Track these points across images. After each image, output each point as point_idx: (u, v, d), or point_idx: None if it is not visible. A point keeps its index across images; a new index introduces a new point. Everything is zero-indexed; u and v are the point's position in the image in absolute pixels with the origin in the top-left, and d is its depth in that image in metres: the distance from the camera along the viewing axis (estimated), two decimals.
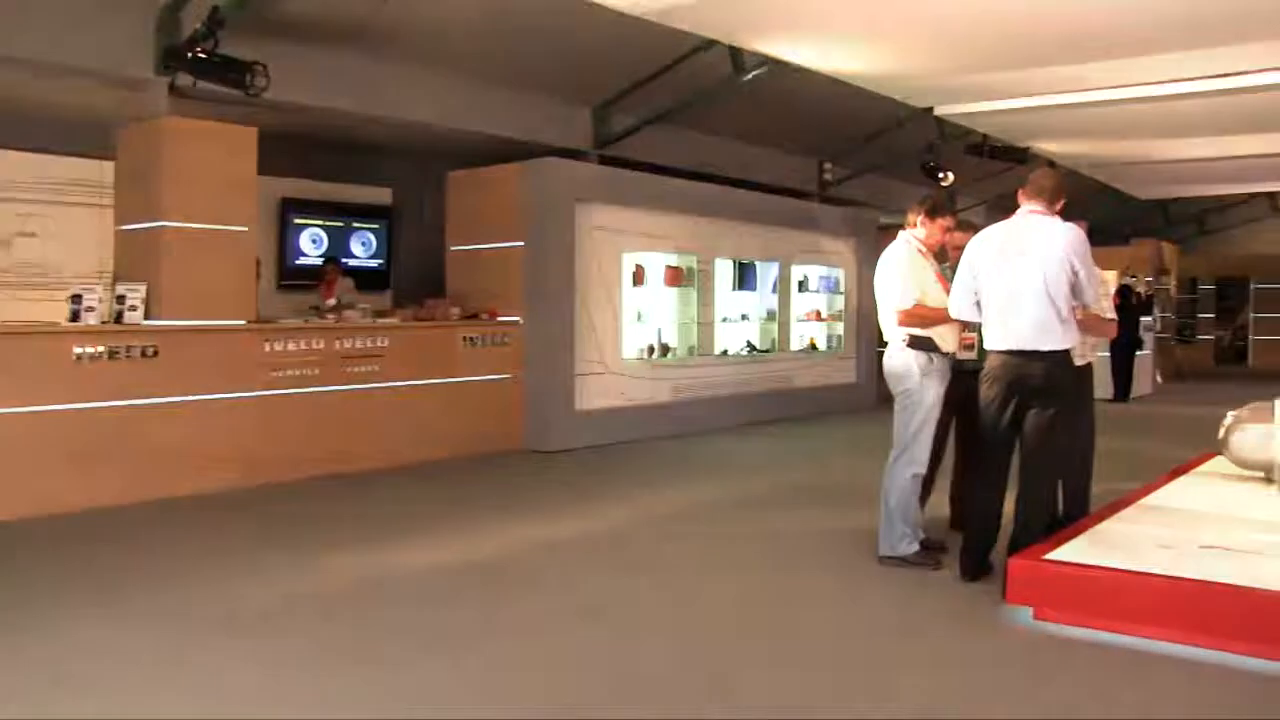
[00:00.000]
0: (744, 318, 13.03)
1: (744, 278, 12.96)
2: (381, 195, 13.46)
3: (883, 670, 4.36)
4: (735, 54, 10.30)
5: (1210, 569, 4.81)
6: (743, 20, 8.59)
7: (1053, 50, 9.18)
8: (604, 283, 10.92)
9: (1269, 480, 6.78)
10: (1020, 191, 5.59)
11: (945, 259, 6.25)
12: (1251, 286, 24.89)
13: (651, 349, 11.54)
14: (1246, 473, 7.08)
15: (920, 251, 6.01)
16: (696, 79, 10.94)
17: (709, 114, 12.35)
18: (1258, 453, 6.74)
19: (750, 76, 10.57)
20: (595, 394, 10.79)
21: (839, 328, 14.63)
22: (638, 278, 11.36)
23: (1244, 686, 4.16)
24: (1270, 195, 23.63)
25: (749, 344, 13.15)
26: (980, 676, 4.32)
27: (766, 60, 9.94)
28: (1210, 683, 4.20)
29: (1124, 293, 16.25)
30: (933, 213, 6.05)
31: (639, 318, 11.44)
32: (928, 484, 6.18)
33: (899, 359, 5.89)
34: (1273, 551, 5.16)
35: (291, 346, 8.67)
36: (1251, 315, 25.09)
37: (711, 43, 9.76)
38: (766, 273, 13.33)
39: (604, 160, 12.22)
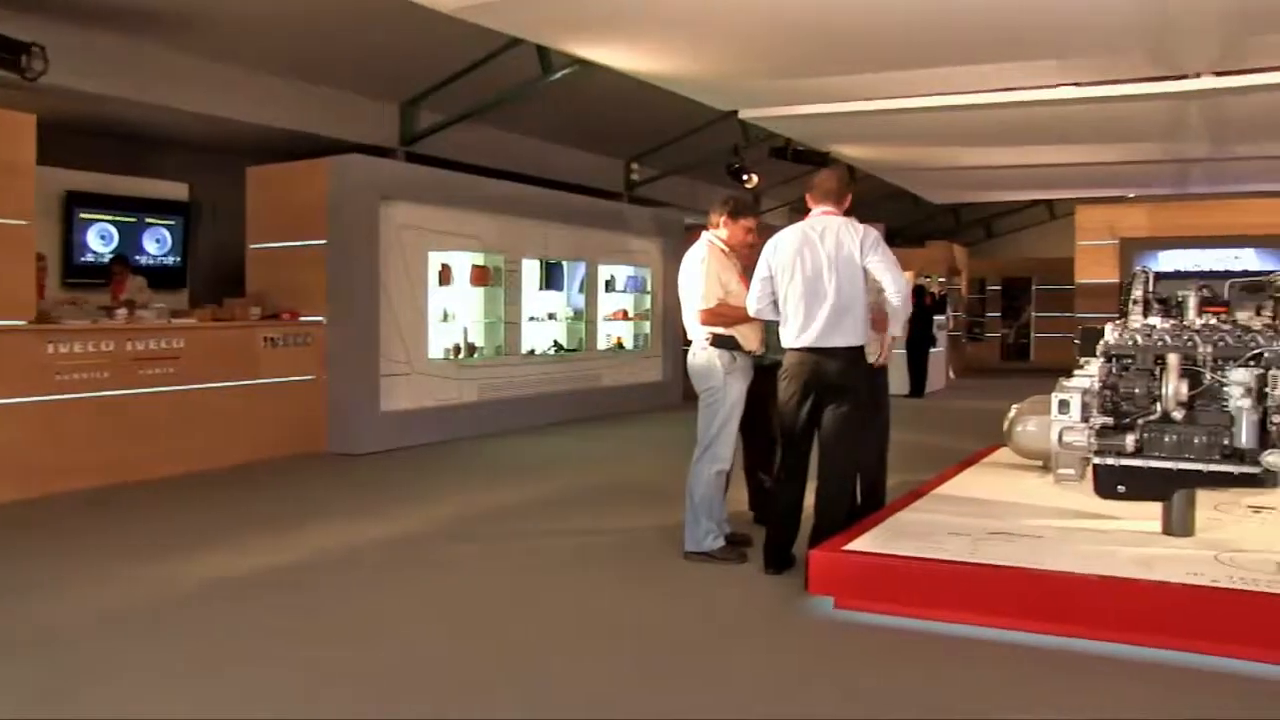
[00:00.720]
0: (551, 317, 13.03)
1: (551, 277, 12.97)
2: (178, 190, 12.93)
3: (689, 664, 4.41)
4: (543, 53, 10.30)
5: (997, 553, 5.06)
6: (549, 20, 8.57)
7: (851, 59, 9.46)
8: (410, 282, 10.74)
9: (1047, 469, 7.17)
10: (808, 196, 5.79)
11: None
12: (1034, 287, 26.34)
13: (458, 349, 11.42)
14: (1028, 462, 7.48)
15: (723, 251, 6.13)
16: (505, 77, 10.90)
17: (517, 113, 12.33)
18: (1037, 443, 7.10)
19: (558, 76, 10.59)
20: (401, 395, 10.61)
21: (645, 327, 14.79)
22: (444, 277, 11.22)
23: (1031, 662, 4.38)
24: (1049, 203, 25.05)
25: (556, 343, 13.16)
26: (785, 666, 4.41)
27: (574, 60, 9.96)
28: (1002, 660, 4.41)
29: (918, 293, 16.93)
30: (735, 214, 6.17)
31: (445, 317, 11.30)
32: (729, 479, 6.29)
33: (702, 357, 5.99)
34: (1051, 535, 5.45)
35: (78, 348, 8.21)
36: (1033, 314, 26.57)
37: (520, 41, 9.74)
38: (574, 272, 13.36)
39: (410, 158, 12.06)
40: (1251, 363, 5.01)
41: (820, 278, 5.52)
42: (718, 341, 5.95)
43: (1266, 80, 9.73)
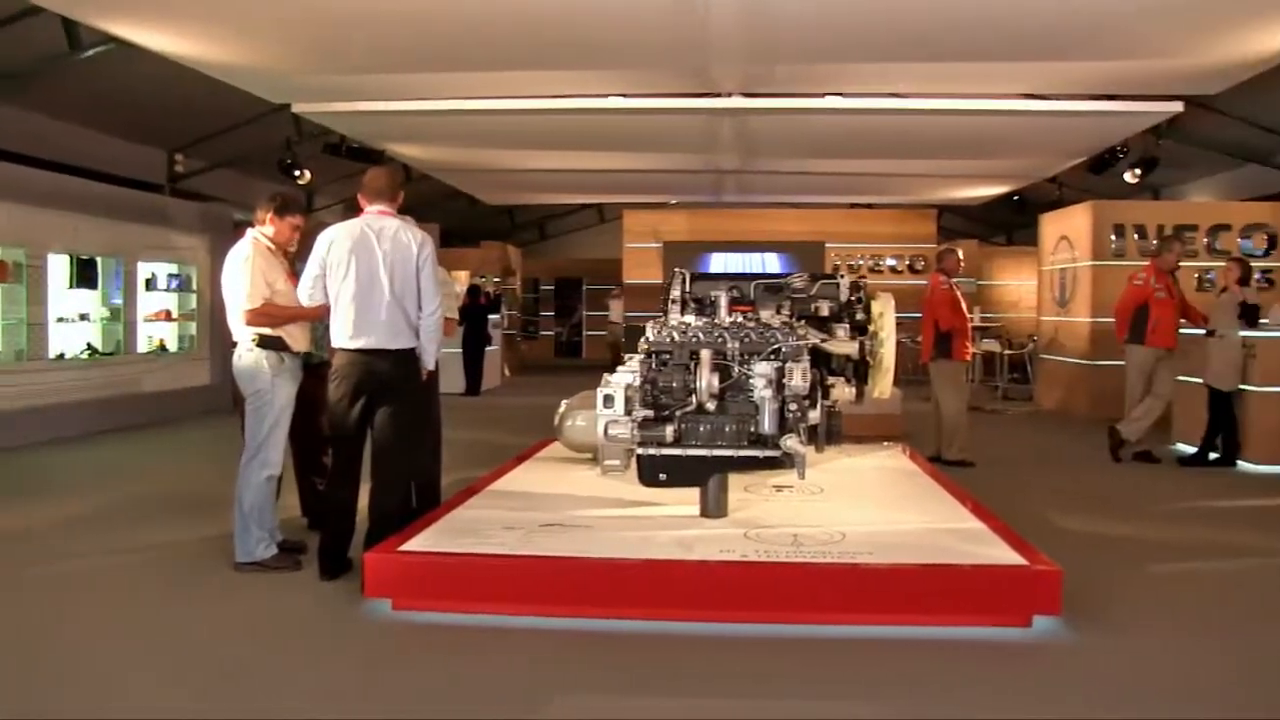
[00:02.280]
0: (84, 318, 12.00)
1: (83, 274, 11.92)
2: None
3: (245, 678, 4.23)
4: (70, 26, 9.44)
5: (550, 544, 5.24)
6: None
7: (406, 58, 9.48)
8: None
9: (596, 461, 7.50)
10: (360, 194, 5.74)
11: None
12: (585, 287, 27.56)
13: None
14: (578, 455, 7.80)
15: (269, 249, 5.93)
16: (26, 49, 9.88)
17: (43, 91, 11.24)
18: (586, 436, 7.42)
19: (89, 54, 9.77)
20: None
21: (191, 328, 13.97)
22: None
23: (588, 644, 4.60)
24: (599, 206, 26.28)
25: (90, 346, 12.15)
26: (344, 673, 4.34)
27: (109, 38, 9.21)
28: (559, 646, 4.58)
29: (473, 292, 17.17)
30: (281, 210, 6.01)
31: None
32: (280, 484, 6.09)
33: (249, 359, 5.77)
34: (600, 524, 5.72)
35: None
36: (585, 313, 27.80)
37: (41, 10, 8.86)
38: (110, 269, 12.38)
39: None
40: (772, 357, 5.50)
41: (375, 278, 5.50)
42: (264, 342, 5.74)
43: (784, 104, 10.83)
